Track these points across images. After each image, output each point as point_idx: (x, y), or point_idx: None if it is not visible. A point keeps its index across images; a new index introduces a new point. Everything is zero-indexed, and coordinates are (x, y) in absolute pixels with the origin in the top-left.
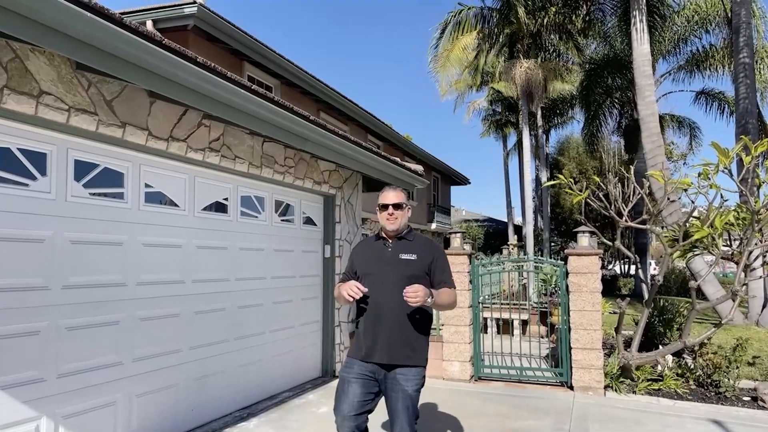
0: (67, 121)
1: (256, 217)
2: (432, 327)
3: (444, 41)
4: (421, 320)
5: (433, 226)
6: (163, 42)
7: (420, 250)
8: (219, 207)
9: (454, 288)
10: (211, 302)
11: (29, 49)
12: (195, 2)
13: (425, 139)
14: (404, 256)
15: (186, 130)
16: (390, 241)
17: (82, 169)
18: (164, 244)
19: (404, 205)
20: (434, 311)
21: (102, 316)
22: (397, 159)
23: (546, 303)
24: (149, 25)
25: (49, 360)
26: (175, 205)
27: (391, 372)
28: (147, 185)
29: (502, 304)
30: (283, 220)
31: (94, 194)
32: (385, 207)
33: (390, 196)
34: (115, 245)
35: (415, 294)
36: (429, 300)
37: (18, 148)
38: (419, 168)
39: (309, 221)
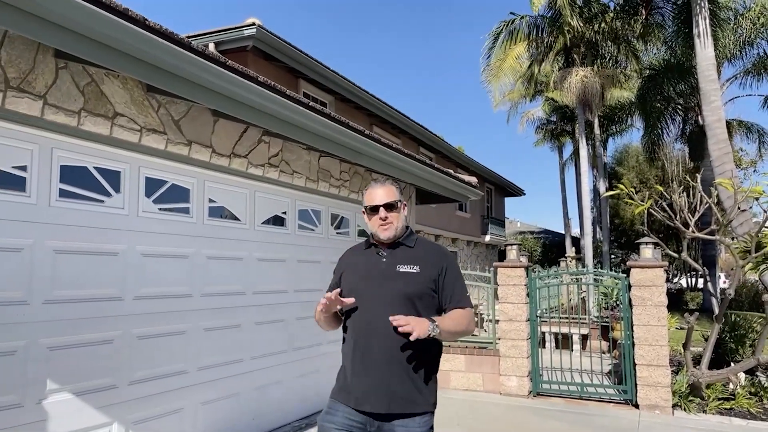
0: (140, 140)
1: (313, 230)
2: (488, 341)
3: (496, 51)
4: (428, 350)
5: (487, 238)
6: (227, 63)
7: (424, 260)
8: (277, 220)
9: (470, 307)
10: (270, 313)
11: (104, 74)
12: (254, 24)
13: (478, 150)
14: (403, 269)
15: (247, 147)
16: (384, 248)
17: (151, 185)
18: (227, 256)
19: (398, 203)
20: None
21: (169, 326)
22: (450, 171)
23: (607, 317)
24: (212, 47)
25: (122, 367)
26: (237, 219)
27: (389, 425)
28: (211, 200)
29: (560, 317)
30: (338, 233)
31: (162, 209)
32: (374, 210)
33: (377, 194)
34: (182, 258)
35: (407, 324)
36: (433, 331)
37: (94, 167)
38: (473, 179)
39: (363, 233)
